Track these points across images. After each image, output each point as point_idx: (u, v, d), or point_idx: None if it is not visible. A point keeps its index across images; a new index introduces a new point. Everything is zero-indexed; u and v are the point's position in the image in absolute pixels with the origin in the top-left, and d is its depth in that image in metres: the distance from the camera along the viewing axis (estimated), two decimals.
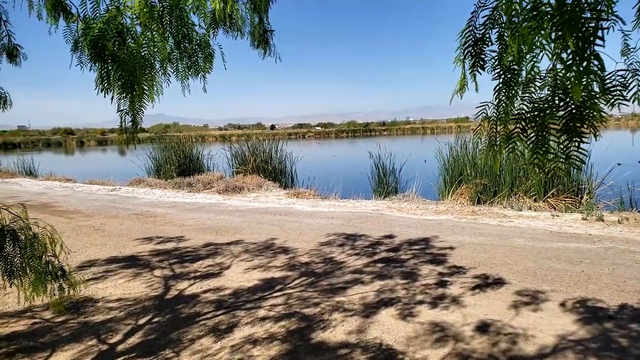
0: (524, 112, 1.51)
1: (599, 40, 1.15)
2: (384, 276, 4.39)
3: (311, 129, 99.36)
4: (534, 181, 8.22)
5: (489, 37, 1.71)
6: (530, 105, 1.49)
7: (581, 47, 1.13)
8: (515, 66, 1.57)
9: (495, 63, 1.64)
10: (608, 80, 1.35)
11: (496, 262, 4.72)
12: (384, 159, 10.78)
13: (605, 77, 1.34)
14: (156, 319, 3.58)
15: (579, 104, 1.32)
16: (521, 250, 5.15)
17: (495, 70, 1.64)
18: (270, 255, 5.32)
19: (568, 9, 1.14)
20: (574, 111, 1.35)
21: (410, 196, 9.32)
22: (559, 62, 1.25)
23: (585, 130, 1.36)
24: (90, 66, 2.16)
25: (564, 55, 1.21)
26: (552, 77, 1.41)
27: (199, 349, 3.05)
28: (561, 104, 1.39)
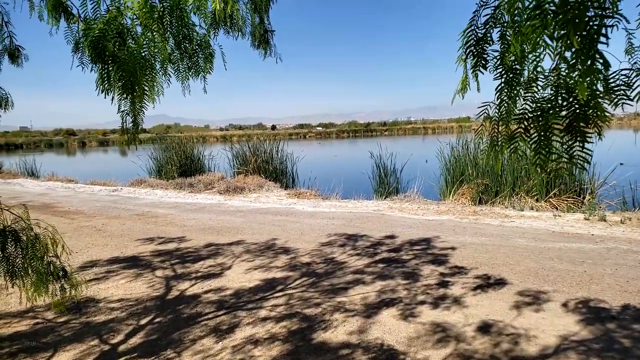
0: (526, 112, 1.50)
1: (603, 39, 1.14)
2: (385, 276, 4.38)
3: (312, 129, 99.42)
4: (535, 181, 8.20)
5: (490, 37, 1.70)
6: (533, 105, 1.48)
7: (586, 46, 1.12)
8: (518, 66, 1.56)
9: (497, 62, 1.63)
10: (612, 80, 1.34)
11: (498, 263, 4.70)
12: (385, 159, 10.77)
13: (609, 77, 1.33)
14: (158, 319, 3.58)
15: (582, 103, 1.31)
16: (523, 250, 5.14)
17: (497, 70, 1.63)
18: (272, 255, 5.31)
19: (572, 6, 1.13)
20: (577, 111, 1.34)
21: (411, 196, 9.31)
22: (562, 61, 1.24)
23: (589, 130, 1.35)
24: (91, 67, 2.17)
25: (568, 54, 1.20)
26: (555, 77, 1.40)
27: (201, 349, 3.05)
28: (564, 103, 1.37)
